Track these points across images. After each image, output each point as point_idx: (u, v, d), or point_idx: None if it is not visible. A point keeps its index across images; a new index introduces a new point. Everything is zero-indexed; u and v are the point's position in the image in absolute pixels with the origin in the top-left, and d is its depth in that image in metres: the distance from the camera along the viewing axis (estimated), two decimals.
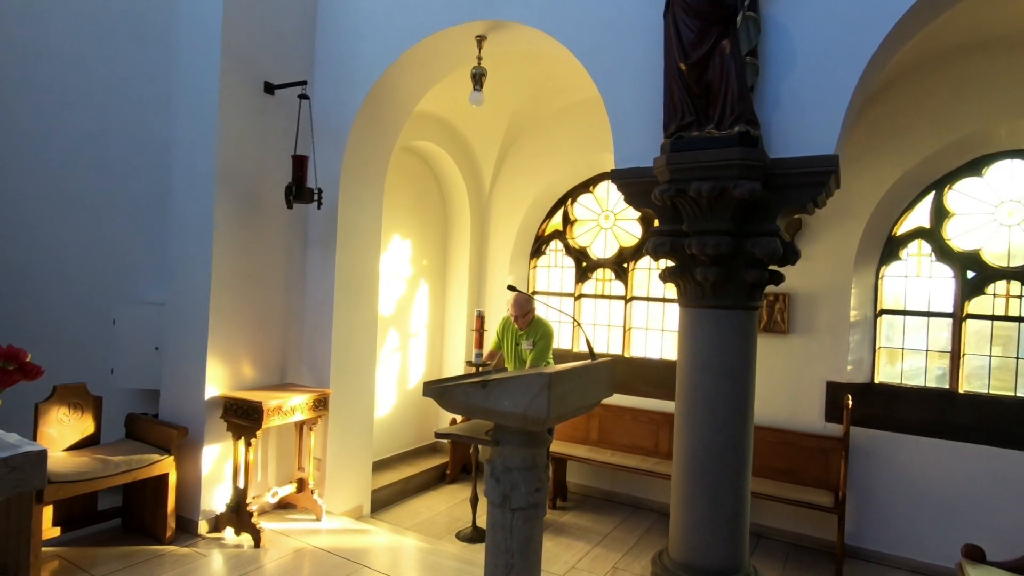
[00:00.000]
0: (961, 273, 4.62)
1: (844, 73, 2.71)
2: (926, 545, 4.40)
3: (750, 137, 2.71)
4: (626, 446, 5.49)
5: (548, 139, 6.17)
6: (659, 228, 3.12)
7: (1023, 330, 4.48)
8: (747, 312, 3.02)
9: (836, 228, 4.81)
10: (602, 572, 4.24)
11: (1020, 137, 4.39)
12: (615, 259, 6.08)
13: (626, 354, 5.98)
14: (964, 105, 4.41)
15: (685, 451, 3.09)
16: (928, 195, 4.75)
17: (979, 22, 4.09)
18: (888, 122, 4.65)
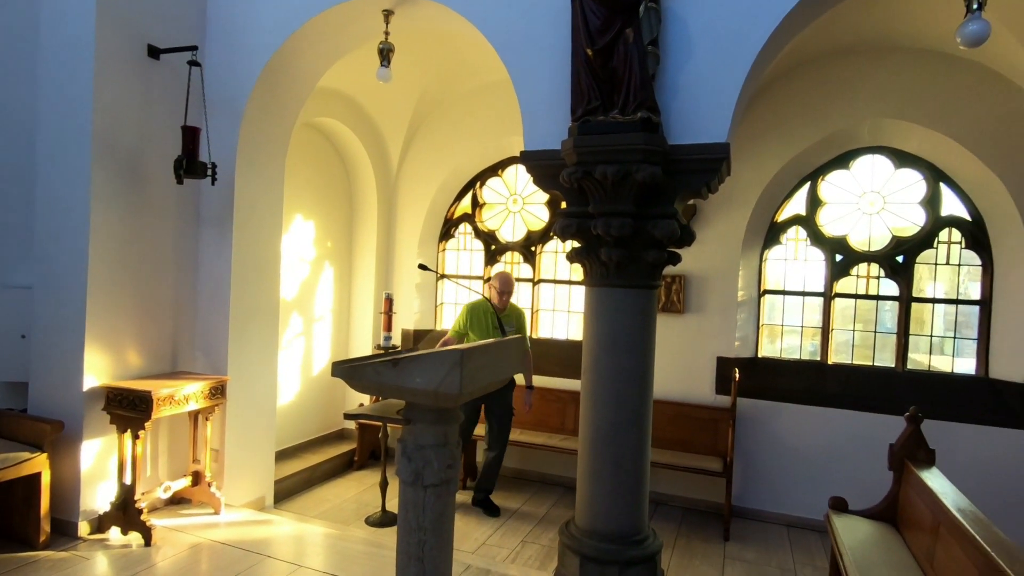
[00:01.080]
0: (831, 257, 5.13)
1: (735, 65, 2.91)
2: (801, 501, 4.89)
3: (651, 123, 2.85)
4: (534, 424, 5.63)
5: (457, 121, 6.14)
6: (567, 210, 3.21)
7: (880, 307, 5.06)
8: (648, 291, 3.19)
9: (726, 215, 5.17)
10: (512, 545, 4.35)
11: (880, 135, 4.91)
12: (523, 242, 6.18)
13: (534, 335, 6.11)
14: (833, 105, 4.87)
15: (591, 425, 3.23)
16: (804, 185, 5.22)
17: (845, 31, 4.51)
18: (769, 118, 5.03)
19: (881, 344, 5.05)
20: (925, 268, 4.94)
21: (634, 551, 3.14)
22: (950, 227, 4.86)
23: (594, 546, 3.16)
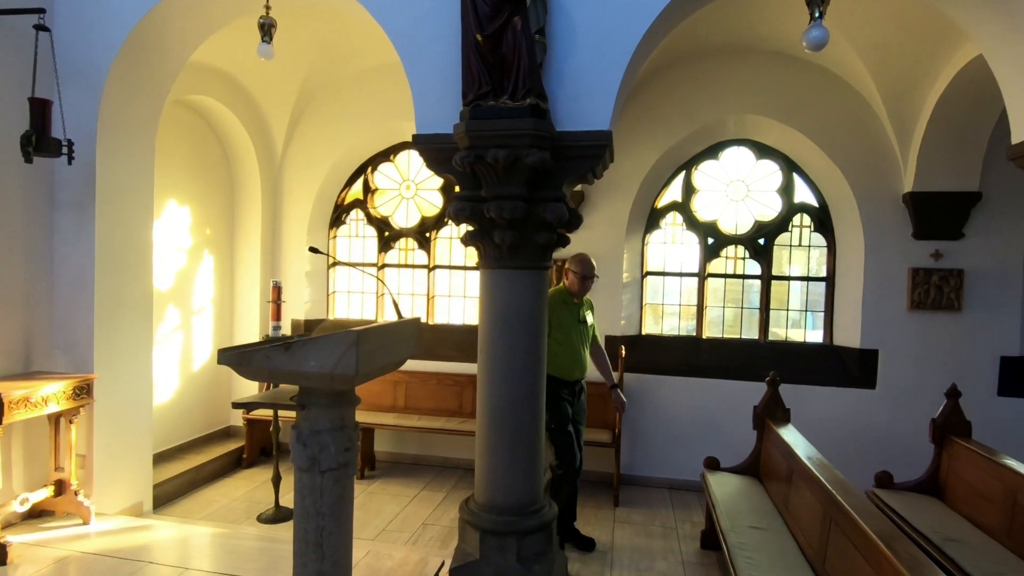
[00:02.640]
0: (704, 240, 5.59)
1: (616, 57, 3.09)
2: (681, 465, 5.31)
3: (540, 110, 2.96)
4: (433, 409, 5.67)
5: (346, 103, 5.96)
6: (460, 194, 3.26)
7: (746, 286, 5.59)
8: (539, 271, 3.32)
9: (611, 201, 5.46)
10: (412, 529, 4.38)
11: (743, 128, 5.40)
12: (418, 228, 6.15)
13: (430, 321, 6.13)
14: (704, 100, 5.29)
15: (487, 402, 3.32)
16: (680, 174, 5.63)
17: (712, 32, 4.91)
18: (648, 111, 5.37)
19: (747, 319, 5.59)
20: (782, 250, 5.52)
21: (531, 521, 3.29)
22: (802, 212, 5.46)
23: (493, 519, 3.27)
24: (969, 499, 3.61)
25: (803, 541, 3.07)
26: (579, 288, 4.03)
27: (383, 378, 5.76)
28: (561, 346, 3.92)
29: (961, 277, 4.88)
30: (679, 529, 4.52)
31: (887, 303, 5.04)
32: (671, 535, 4.41)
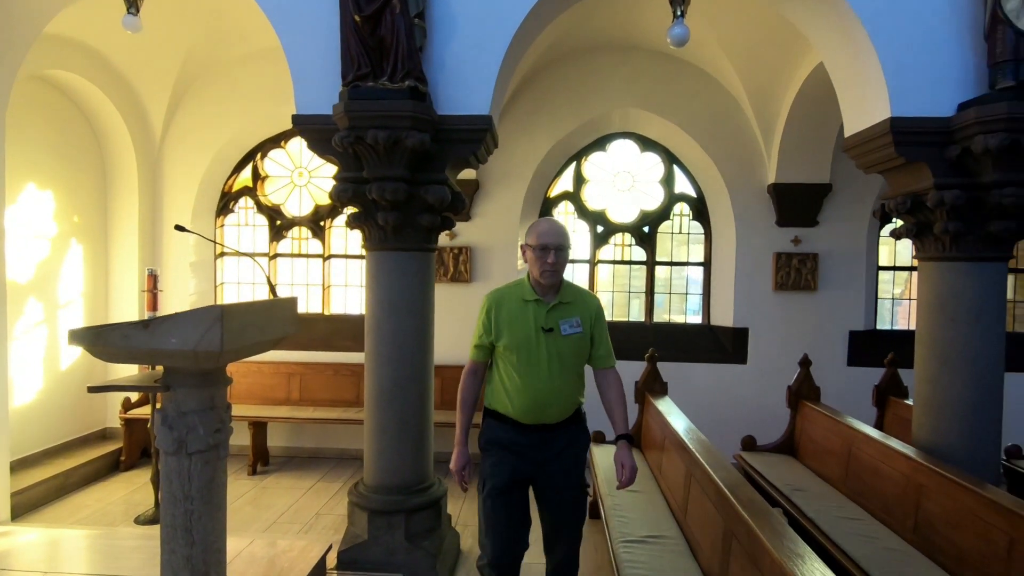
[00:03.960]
0: (593, 228, 5.86)
1: (494, 44, 3.20)
2: None
3: (419, 93, 3.02)
4: (330, 401, 5.58)
5: (233, 86, 5.71)
6: (343, 175, 3.25)
7: (632, 271, 5.92)
8: (425, 253, 3.38)
9: (505, 190, 5.59)
10: (304, 520, 4.31)
11: (628, 122, 5.71)
12: (311, 217, 6.01)
13: (326, 312, 6.01)
14: (592, 93, 5.54)
15: (375, 383, 3.35)
16: (571, 165, 5.86)
17: (598, 28, 5.16)
18: (540, 103, 5.55)
19: (634, 303, 5.92)
20: (665, 237, 5.89)
21: (419, 498, 3.35)
22: (682, 202, 5.85)
23: (381, 499, 3.31)
24: (816, 454, 4.05)
25: (671, 498, 3.34)
26: (540, 269, 2.36)
27: (276, 370, 5.60)
28: (514, 369, 2.39)
29: (816, 260, 5.43)
30: None
31: (755, 285, 5.51)
32: None
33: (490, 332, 2.42)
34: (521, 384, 2.37)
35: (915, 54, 3.11)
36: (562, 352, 2.39)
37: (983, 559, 2.49)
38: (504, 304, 2.44)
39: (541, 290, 2.42)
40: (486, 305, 2.47)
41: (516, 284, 2.51)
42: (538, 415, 2.40)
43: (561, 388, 2.41)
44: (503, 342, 2.39)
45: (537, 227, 2.42)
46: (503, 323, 2.40)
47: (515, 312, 2.41)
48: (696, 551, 2.75)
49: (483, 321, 2.45)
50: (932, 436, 3.25)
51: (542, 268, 2.34)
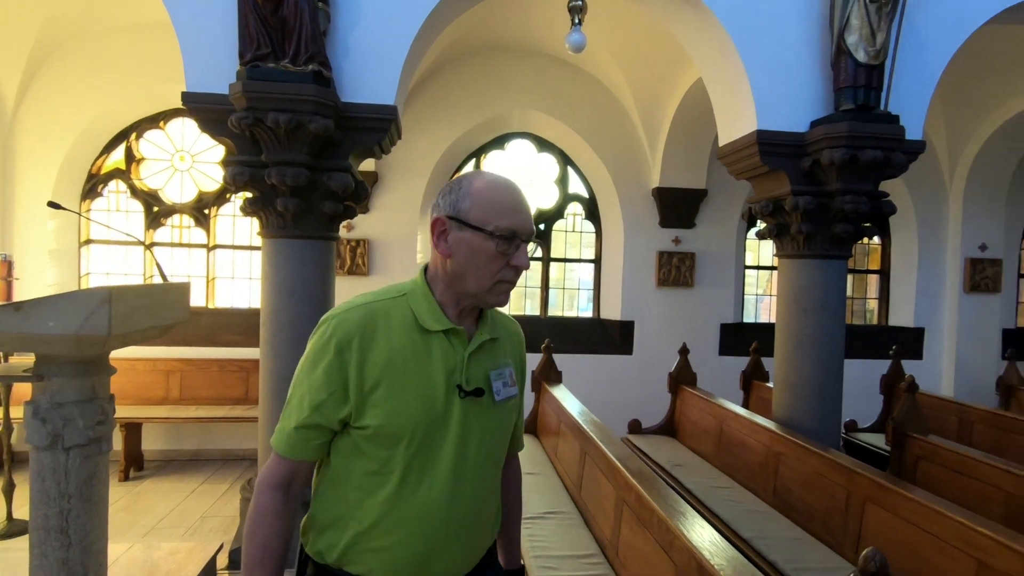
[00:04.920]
0: None
1: (401, 34, 3.21)
2: None
3: (323, 77, 2.97)
4: (215, 398, 5.27)
5: (104, 59, 5.22)
6: (238, 158, 3.12)
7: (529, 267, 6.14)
8: (326, 242, 3.32)
9: (406, 183, 5.59)
10: (188, 524, 4.06)
11: (526, 123, 5.92)
12: (195, 204, 5.64)
13: (211, 305, 5.67)
14: (492, 92, 5.68)
15: (272, 375, 3.24)
16: (471, 161, 5.96)
17: (500, 30, 5.31)
18: (442, 98, 5.61)
19: (530, 296, 6.14)
20: (560, 234, 6.16)
21: None
22: (576, 201, 6.15)
23: None
24: (694, 434, 4.46)
25: (566, 478, 3.53)
26: (497, 276, 1.16)
27: (153, 368, 5.21)
28: (388, 477, 1.15)
29: (693, 259, 5.93)
30: None
31: (641, 281, 5.92)
32: None
33: (341, 398, 1.12)
34: (403, 508, 1.14)
35: (778, 76, 3.52)
36: (490, 436, 1.22)
37: (827, 512, 2.89)
38: (378, 338, 1.13)
39: (456, 312, 1.20)
40: (330, 339, 1.12)
41: (397, 295, 1.19)
42: (432, 569, 1.18)
43: (481, 509, 1.23)
44: (371, 420, 1.12)
45: (494, 194, 1.14)
46: (376, 378, 1.12)
47: (403, 354, 1.14)
48: (590, 522, 2.95)
49: (321, 375, 1.12)
50: (788, 412, 3.70)
51: (501, 276, 1.14)
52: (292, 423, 1.13)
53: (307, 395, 1.12)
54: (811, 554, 2.76)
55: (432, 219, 1.17)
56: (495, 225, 1.11)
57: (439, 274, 1.18)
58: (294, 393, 1.15)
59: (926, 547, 2.27)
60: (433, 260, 1.20)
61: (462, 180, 1.17)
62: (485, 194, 1.13)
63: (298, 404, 1.13)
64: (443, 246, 1.15)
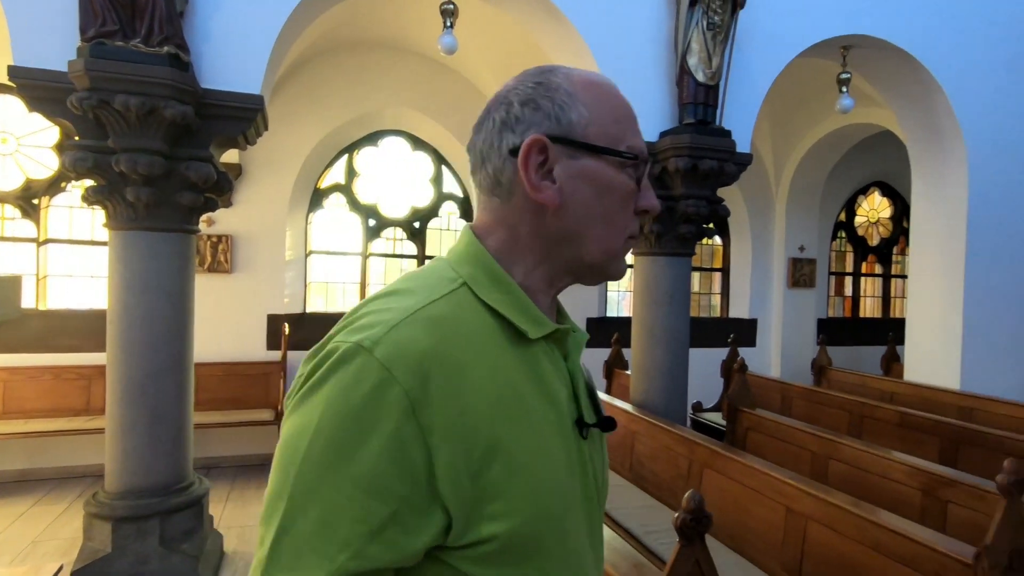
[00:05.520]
0: (365, 221, 5.93)
1: (268, 22, 3.13)
2: None
3: (180, 61, 2.82)
4: (48, 410, 4.72)
5: None
6: (80, 142, 2.87)
7: (403, 265, 6.14)
8: (185, 235, 3.14)
9: (273, 177, 5.37)
10: (17, 550, 3.62)
11: (400, 120, 5.93)
12: (21, 193, 5.00)
13: (42, 306, 5.06)
14: (366, 88, 5.63)
15: (123, 377, 3.01)
16: (342, 156, 5.86)
17: (373, 26, 5.28)
18: (314, 90, 5.46)
19: None
20: (435, 233, 6.23)
21: (178, 499, 3.10)
22: (450, 200, 6.26)
23: (130, 505, 2.99)
24: None
25: None
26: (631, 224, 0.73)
27: None
28: None
29: None
30: None
31: None
32: None
33: (425, 501, 0.57)
34: None
35: (632, 89, 3.86)
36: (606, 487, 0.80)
37: (673, 480, 3.25)
38: (468, 369, 0.61)
39: (548, 303, 0.75)
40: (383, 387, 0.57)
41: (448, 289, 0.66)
42: None
43: None
44: (496, 526, 0.59)
45: (609, 95, 0.72)
46: (487, 442, 0.59)
47: (513, 389, 0.64)
48: None
49: (379, 464, 0.56)
50: (643, 395, 4.08)
51: (632, 230, 0.74)
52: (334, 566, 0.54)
53: (347, 512, 0.55)
54: (659, 518, 3.09)
55: (524, 143, 0.67)
56: (628, 144, 0.70)
57: (523, 241, 0.71)
58: (303, 512, 0.56)
59: (748, 499, 2.65)
60: (503, 219, 0.71)
61: (546, 75, 0.71)
62: (600, 96, 0.71)
63: (323, 534, 0.55)
64: (548, 189, 0.68)
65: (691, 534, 1.47)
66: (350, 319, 0.65)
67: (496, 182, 0.71)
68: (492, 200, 0.72)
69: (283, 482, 0.58)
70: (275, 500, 0.58)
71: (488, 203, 0.73)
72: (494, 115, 0.72)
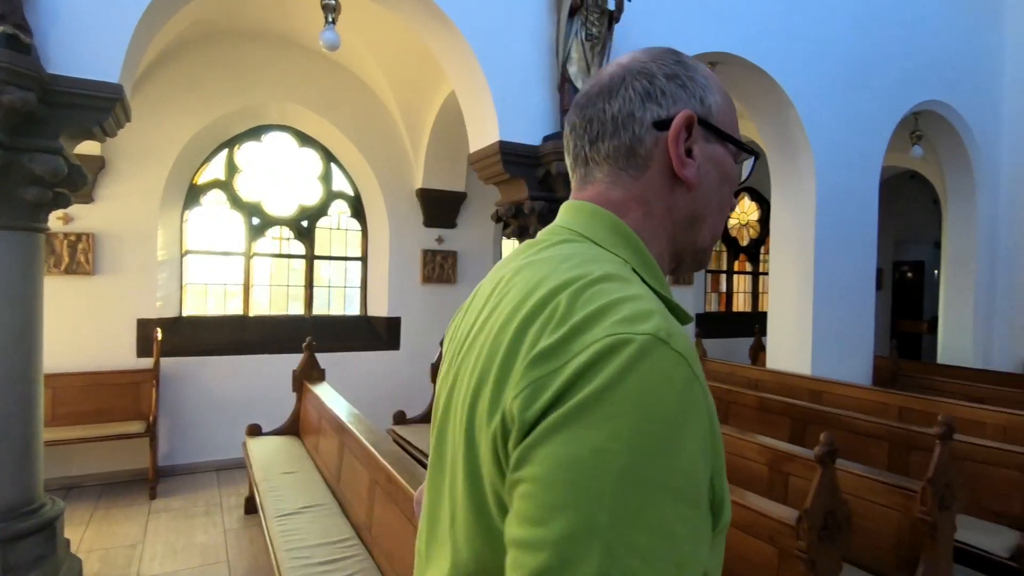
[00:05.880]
0: (248, 220, 5.67)
1: (127, 4, 2.92)
2: (230, 444, 5.26)
3: (20, 43, 2.57)
4: None
5: None
6: None
7: (292, 265, 5.93)
8: (31, 233, 2.87)
9: (142, 171, 4.99)
10: None
11: (286, 115, 5.72)
12: None
13: None
14: (248, 80, 5.37)
15: None
16: (223, 151, 5.56)
17: (255, 16, 5.05)
18: (189, 80, 5.14)
19: (293, 296, 5.94)
20: (324, 232, 6.07)
21: (24, 523, 2.82)
22: (340, 199, 6.11)
23: None
24: None
25: (326, 472, 3.56)
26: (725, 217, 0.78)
27: None
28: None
29: (455, 257, 6.33)
30: (224, 503, 4.52)
31: (407, 278, 6.13)
32: (215, 511, 4.38)
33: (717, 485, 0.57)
34: None
35: (517, 94, 3.99)
36: None
37: None
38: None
39: None
40: (693, 383, 0.53)
41: (628, 271, 0.64)
42: None
43: None
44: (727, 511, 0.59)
45: (727, 92, 0.75)
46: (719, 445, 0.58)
47: None
48: (347, 510, 3.04)
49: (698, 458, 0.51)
50: None
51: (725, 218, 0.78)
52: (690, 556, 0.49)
53: (680, 534, 0.49)
54: None
55: (678, 117, 0.67)
56: (740, 136, 0.73)
57: (656, 221, 0.70)
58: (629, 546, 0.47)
59: None
60: (638, 196, 0.70)
61: (678, 55, 0.73)
62: (722, 88, 0.73)
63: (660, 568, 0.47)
64: (692, 166, 0.69)
65: None
66: (592, 310, 0.54)
67: (631, 152, 0.68)
68: (621, 174, 0.69)
69: (590, 514, 0.46)
70: (581, 540, 0.46)
71: (616, 177, 0.69)
72: (633, 84, 0.69)
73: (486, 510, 0.57)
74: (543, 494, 0.48)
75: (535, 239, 0.73)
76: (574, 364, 0.51)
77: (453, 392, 0.66)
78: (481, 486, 0.57)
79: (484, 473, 0.57)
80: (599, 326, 0.53)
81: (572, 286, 0.57)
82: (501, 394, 0.55)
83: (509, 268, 0.69)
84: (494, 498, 0.56)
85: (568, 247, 0.66)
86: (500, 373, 0.57)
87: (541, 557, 0.47)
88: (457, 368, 0.67)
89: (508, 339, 0.57)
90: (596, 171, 0.71)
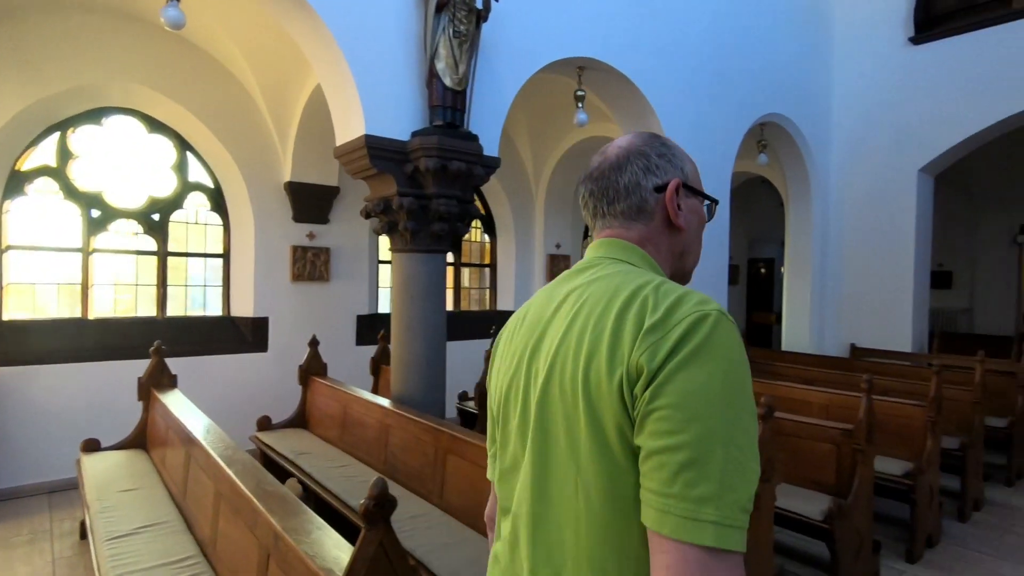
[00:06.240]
0: (87, 212, 5.09)
1: None
2: (66, 462, 4.72)
3: None
4: None
5: None
6: None
7: (140, 262, 5.41)
8: None
9: None
10: None
11: (131, 98, 5.20)
12: None
13: None
14: (84, 56, 4.82)
15: None
16: (53, 135, 4.95)
17: None
18: (11, 52, 4.52)
19: (143, 296, 5.42)
20: (179, 226, 5.60)
21: None
22: (197, 191, 5.67)
23: None
24: (322, 422, 4.62)
25: (172, 486, 3.29)
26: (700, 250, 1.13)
27: None
28: None
29: (328, 254, 6.10)
30: (55, 529, 4.05)
31: (274, 276, 5.81)
32: (43, 538, 3.91)
33: None
34: None
35: (383, 88, 3.91)
36: None
37: (421, 468, 3.38)
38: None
39: None
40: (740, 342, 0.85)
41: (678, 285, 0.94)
42: None
43: None
44: None
45: (689, 160, 1.08)
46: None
47: None
48: (193, 526, 2.83)
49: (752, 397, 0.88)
50: (403, 388, 4.15)
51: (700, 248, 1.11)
52: (749, 492, 0.75)
53: (752, 431, 0.77)
54: (409, 506, 3.18)
55: (671, 183, 0.99)
56: (703, 188, 1.07)
57: (663, 253, 1.01)
58: (736, 441, 0.74)
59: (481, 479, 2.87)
60: (648, 237, 1.00)
61: (661, 138, 1.05)
62: (689, 157, 1.07)
63: (751, 451, 0.76)
64: (682, 216, 1.00)
65: (375, 518, 1.54)
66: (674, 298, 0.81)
67: (640, 209, 0.98)
68: (634, 224, 0.99)
69: (711, 421, 0.73)
70: (708, 438, 0.72)
71: (631, 225, 0.99)
72: (636, 162, 0.99)
73: (605, 440, 0.80)
74: (677, 413, 0.73)
75: (583, 263, 0.99)
76: (679, 329, 0.77)
77: (550, 375, 0.88)
78: (601, 425, 0.80)
79: (606, 415, 0.79)
80: (685, 306, 0.79)
81: (649, 286, 0.84)
82: (616, 357, 0.79)
83: (573, 285, 0.95)
84: (616, 432, 0.78)
85: (621, 266, 0.94)
86: (612, 343, 0.80)
87: (685, 453, 0.72)
88: (535, 362, 0.92)
89: (611, 322, 0.82)
90: (613, 221, 1.00)
